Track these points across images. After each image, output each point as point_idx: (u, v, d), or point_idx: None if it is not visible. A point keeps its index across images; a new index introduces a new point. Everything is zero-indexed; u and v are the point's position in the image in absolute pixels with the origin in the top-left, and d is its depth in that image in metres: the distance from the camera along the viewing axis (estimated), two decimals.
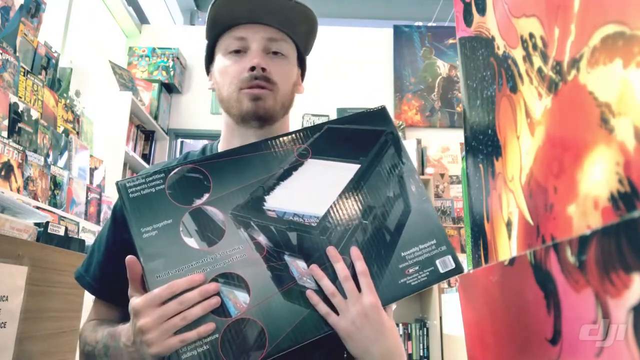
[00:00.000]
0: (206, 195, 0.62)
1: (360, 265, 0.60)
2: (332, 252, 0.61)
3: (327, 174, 0.66)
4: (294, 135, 0.69)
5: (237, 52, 0.76)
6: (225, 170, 0.64)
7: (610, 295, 0.19)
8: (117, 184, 0.61)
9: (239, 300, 0.57)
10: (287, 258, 0.61)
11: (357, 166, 0.67)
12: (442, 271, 0.63)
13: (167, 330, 0.54)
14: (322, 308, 0.59)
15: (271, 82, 0.75)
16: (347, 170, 0.67)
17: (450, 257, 0.63)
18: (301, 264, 0.61)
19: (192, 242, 0.59)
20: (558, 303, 0.24)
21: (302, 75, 0.87)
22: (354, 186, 0.65)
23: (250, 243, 0.60)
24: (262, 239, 0.61)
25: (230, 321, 0.56)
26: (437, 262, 0.63)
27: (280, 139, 0.68)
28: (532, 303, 0.27)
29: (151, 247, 0.58)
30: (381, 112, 0.73)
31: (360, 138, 0.70)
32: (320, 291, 0.60)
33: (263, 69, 0.74)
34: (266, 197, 0.63)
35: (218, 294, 0.57)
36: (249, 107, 0.74)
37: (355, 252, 0.61)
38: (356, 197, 0.65)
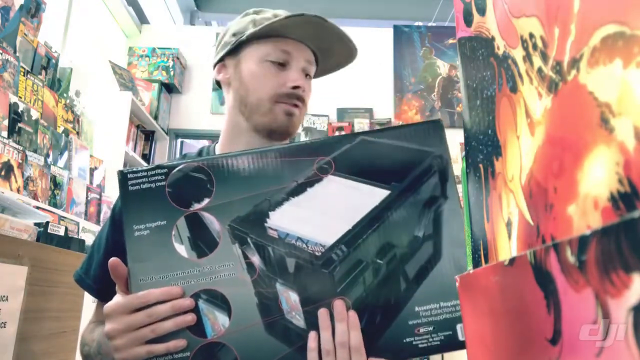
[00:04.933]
0: (206, 200, 0.56)
1: (354, 337, 0.52)
2: (339, 307, 0.53)
3: (347, 196, 0.56)
4: (318, 143, 0.58)
5: (279, 64, 0.76)
6: (233, 175, 0.56)
7: (610, 295, 0.19)
8: (118, 172, 0.57)
9: (218, 321, 0.53)
10: (278, 286, 0.54)
11: (387, 192, 0.56)
12: (461, 339, 0.53)
13: (136, 340, 0.53)
14: (314, 359, 0.52)
15: (303, 102, 0.78)
16: (373, 196, 0.56)
17: None
18: (293, 296, 0.54)
19: (182, 249, 0.55)
20: (558, 303, 0.24)
21: None
22: (376, 216, 0.55)
23: (243, 262, 0.54)
24: (256, 259, 0.54)
25: (204, 342, 0.53)
26: (458, 326, 0.53)
27: (301, 146, 0.59)
28: (532, 303, 0.27)
29: (140, 247, 0.54)
30: (434, 128, 0.59)
31: (399, 158, 0.57)
32: (306, 331, 0.53)
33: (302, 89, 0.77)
34: (270, 213, 0.55)
35: (198, 311, 0.53)
36: (283, 121, 0.76)
37: (352, 318, 0.52)
38: (375, 230, 0.54)
